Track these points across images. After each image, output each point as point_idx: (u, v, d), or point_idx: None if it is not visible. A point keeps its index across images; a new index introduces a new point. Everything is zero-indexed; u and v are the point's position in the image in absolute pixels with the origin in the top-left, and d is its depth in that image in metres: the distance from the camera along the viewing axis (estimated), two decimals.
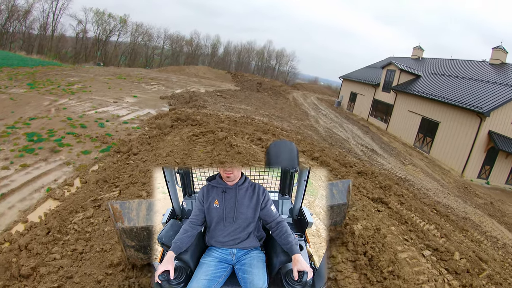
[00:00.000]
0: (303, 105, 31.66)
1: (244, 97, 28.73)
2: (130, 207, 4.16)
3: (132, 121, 16.22)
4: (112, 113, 17.30)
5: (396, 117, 27.65)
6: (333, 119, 27.04)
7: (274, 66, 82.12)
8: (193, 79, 41.53)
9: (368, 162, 16.55)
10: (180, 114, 13.01)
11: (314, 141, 17.29)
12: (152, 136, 12.39)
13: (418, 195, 13.05)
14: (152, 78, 34.64)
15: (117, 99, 20.91)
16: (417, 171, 17.52)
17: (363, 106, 33.83)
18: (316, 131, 20.41)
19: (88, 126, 14.48)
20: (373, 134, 24.49)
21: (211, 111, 19.62)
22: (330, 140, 19.04)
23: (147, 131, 14.57)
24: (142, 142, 11.97)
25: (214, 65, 74.27)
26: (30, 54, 48.29)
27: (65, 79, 27.48)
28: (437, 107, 22.93)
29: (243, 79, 47.24)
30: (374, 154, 18.64)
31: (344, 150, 17.70)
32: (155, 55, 75.24)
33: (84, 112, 16.83)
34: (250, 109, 22.44)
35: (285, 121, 21.08)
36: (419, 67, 30.79)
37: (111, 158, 11.12)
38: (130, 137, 13.45)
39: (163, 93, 25.56)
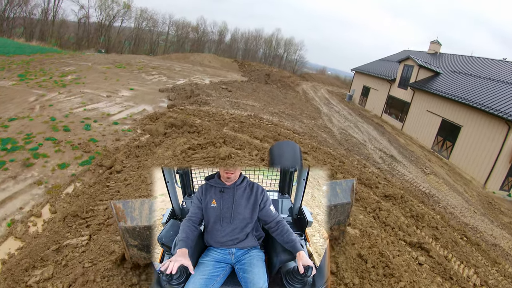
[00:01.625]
0: (314, 100, 29.51)
1: (251, 90, 26.63)
2: (132, 206, 4.18)
3: (124, 121, 14.34)
4: (103, 110, 15.43)
5: (413, 117, 25.42)
6: (347, 117, 24.92)
7: (282, 55, 79.18)
8: (198, 68, 39.45)
9: (389, 172, 14.76)
10: (176, 119, 11.02)
11: (330, 146, 15.34)
12: (142, 146, 10.49)
13: (445, 217, 11.46)
14: (153, 67, 32.64)
15: (112, 92, 19.01)
16: (440, 183, 15.73)
17: (377, 102, 31.58)
18: (331, 133, 18.40)
19: (71, 129, 12.68)
20: (389, 135, 22.44)
21: (214, 109, 17.65)
22: (347, 144, 17.07)
23: (138, 134, 12.70)
24: (128, 154, 10.13)
25: (220, 52, 72.06)
26: (30, 41, 46.27)
27: (60, 69, 25.70)
28: (459, 109, 20.65)
29: (250, 69, 44.98)
30: (394, 161, 16.75)
31: (362, 157, 15.78)
32: (160, 41, 72.81)
33: (71, 110, 15.01)
34: (258, 106, 20.40)
35: (296, 120, 19.06)
36: (437, 63, 28.33)
37: (91, 175, 9.34)
38: (117, 144, 11.63)
39: (163, 85, 23.60)
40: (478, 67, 25.03)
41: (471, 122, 19.58)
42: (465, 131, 19.91)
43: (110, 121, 14.06)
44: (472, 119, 19.55)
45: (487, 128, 18.52)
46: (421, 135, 23.79)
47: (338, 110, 26.83)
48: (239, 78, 35.16)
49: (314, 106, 26.15)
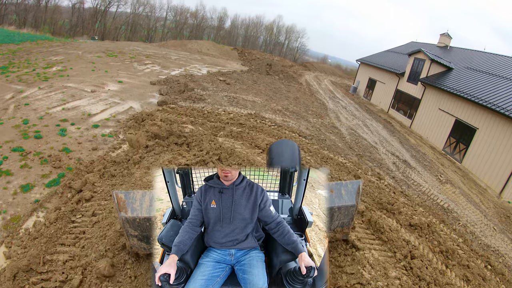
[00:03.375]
0: (319, 93, 27.60)
1: (251, 82, 24.74)
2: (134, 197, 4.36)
3: (105, 123, 12.63)
4: (84, 109, 13.72)
5: (423, 114, 23.54)
6: (355, 113, 23.13)
7: (283, 42, 76.79)
8: (195, 56, 37.47)
9: (404, 183, 13.30)
10: (161, 128, 9.16)
11: (341, 153, 13.70)
12: (119, 162, 8.75)
13: (467, 239, 10.21)
14: (148, 55, 30.75)
15: (97, 86, 17.25)
16: (457, 194, 14.26)
17: (383, 96, 29.66)
18: (340, 135, 16.69)
19: (44, 135, 11.01)
20: (400, 135, 20.77)
21: (210, 106, 15.91)
22: (358, 148, 15.43)
23: (120, 141, 11.01)
24: (103, 172, 8.47)
25: (220, 39, 69.96)
26: (21, 28, 44.00)
27: (47, 58, 23.91)
28: (475, 110, 18.76)
29: (250, 57, 42.85)
30: (408, 167, 15.26)
31: (375, 164, 14.20)
32: (157, 27, 70.33)
33: (48, 109, 13.34)
34: (259, 102, 18.62)
35: (302, 119, 17.31)
36: (448, 57, 26.22)
37: (57, 201, 7.78)
38: (93, 155, 9.98)
39: (156, 76, 21.80)
40: (494, 64, 22.87)
41: (488, 125, 17.77)
42: (481, 134, 18.09)
43: (90, 124, 12.35)
44: (489, 122, 17.72)
45: (505, 133, 16.71)
46: (432, 134, 22.01)
47: (344, 105, 24.96)
48: (239, 68, 33.21)
49: (319, 100, 24.28)
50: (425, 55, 24.05)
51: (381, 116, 25.39)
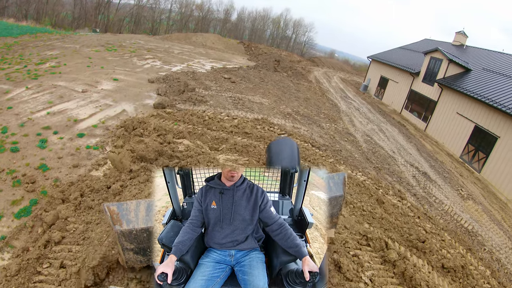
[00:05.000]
0: (329, 92, 25.90)
1: (258, 80, 23.10)
2: (128, 208, 4.07)
3: (92, 131, 11.17)
4: (70, 113, 12.28)
5: (439, 118, 21.78)
6: (368, 116, 21.48)
7: (291, 36, 74.68)
8: (200, 50, 35.83)
9: (426, 201, 11.90)
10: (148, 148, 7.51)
11: (358, 166, 12.19)
12: (98, 190, 7.24)
13: (495, 270, 8.99)
14: (149, 49, 29.20)
15: (90, 85, 15.80)
16: (479, 211, 12.88)
17: (396, 96, 27.91)
18: (356, 143, 15.14)
19: (22, 148, 9.62)
20: (416, 141, 19.23)
21: (212, 109, 14.36)
22: (375, 159, 13.96)
23: (106, 156, 9.49)
24: (79, 202, 7.02)
25: (226, 32, 68.20)
26: (20, 20, 42.50)
27: (42, 53, 22.50)
28: (497, 117, 17.03)
29: (257, 52, 41.05)
30: (428, 180, 13.83)
31: (394, 178, 12.83)
32: (162, 19, 68.59)
33: (32, 114, 11.97)
34: (267, 104, 17.02)
35: (314, 124, 15.72)
36: (464, 57, 24.32)
37: (27, 237, 6.39)
38: (73, 175, 8.57)
39: (155, 73, 20.28)
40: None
41: (511, 133, 16.08)
42: (502, 144, 16.39)
43: (75, 132, 10.90)
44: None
45: None
46: (448, 140, 20.33)
47: (357, 107, 23.25)
48: (245, 63, 31.55)
49: (331, 101, 22.59)
50: (443, 54, 22.27)
51: (395, 118, 23.74)
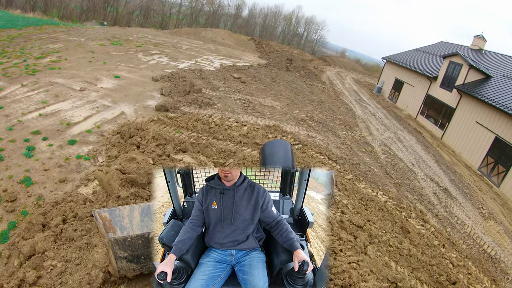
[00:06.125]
0: (344, 94, 24.54)
1: (270, 80, 21.81)
2: (121, 214, 4.00)
3: (86, 136, 10.04)
4: (64, 116, 11.19)
5: (457, 126, 20.43)
6: (384, 122, 20.19)
7: (302, 34, 73.10)
8: (209, 46, 34.57)
9: (449, 223, 10.81)
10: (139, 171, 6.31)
11: (377, 182, 10.99)
12: (82, 218, 6.09)
13: None
14: (156, 44, 28.04)
15: (89, 83, 14.73)
16: (501, 234, 11.90)
17: (411, 101, 26.50)
18: (374, 155, 13.92)
19: (6, 156, 8.62)
20: (433, 151, 17.95)
21: (220, 113, 13.17)
22: (395, 173, 12.82)
23: (97, 168, 8.35)
24: (61, 230, 5.86)
25: (237, 28, 66.83)
26: (27, 12, 41.54)
27: (44, 46, 21.49)
28: None
29: (268, 50, 39.67)
30: (449, 197, 12.67)
31: (415, 195, 11.73)
32: (172, 13, 67.39)
33: (23, 115, 10.96)
34: (279, 107, 15.76)
35: (330, 132, 14.45)
36: (483, 62, 22.79)
37: (2, 269, 5.30)
38: (59, 191, 7.49)
39: (161, 70, 19.13)
40: None
41: None
42: None
43: (66, 138, 9.80)
44: None
45: None
46: (466, 150, 18.98)
47: (373, 112, 21.89)
48: (256, 61, 30.25)
49: (345, 104, 21.25)
50: (463, 59, 20.84)
51: (410, 124, 22.43)
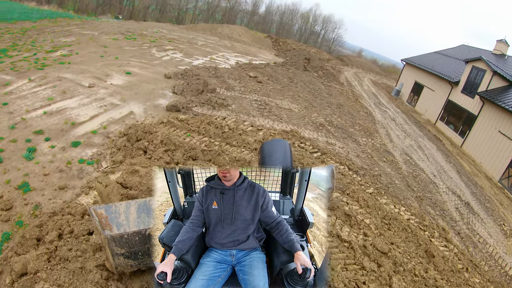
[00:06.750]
0: (362, 98, 23.46)
1: (287, 80, 20.90)
2: (117, 211, 3.92)
3: (91, 138, 9.36)
4: (70, 114, 10.54)
5: (479, 134, 19.23)
6: (405, 128, 19.14)
7: (319, 32, 71.72)
8: (225, 42, 33.82)
9: (471, 242, 9.99)
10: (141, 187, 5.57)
11: (399, 196, 10.11)
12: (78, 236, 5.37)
13: None
14: (171, 39, 27.40)
15: (99, 79, 14.11)
16: None
17: (431, 105, 25.29)
18: (395, 165, 13.02)
19: (5, 158, 8.04)
20: (454, 160, 16.85)
21: (234, 116, 12.38)
22: (417, 186, 11.98)
23: (101, 175, 7.66)
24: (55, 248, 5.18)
25: (253, 25, 65.95)
26: (42, 4, 41.38)
27: (56, 40, 21.04)
28: None
29: (285, 48, 38.65)
30: (471, 213, 11.76)
31: (437, 210, 10.81)
32: (188, 8, 66.87)
33: (27, 113, 10.38)
34: (296, 110, 14.88)
35: (349, 138, 13.53)
36: (506, 68, 21.26)
37: None
38: (58, 200, 6.79)
39: (174, 66, 18.42)
40: None
41: None
42: None
43: (70, 139, 9.13)
44: None
45: None
46: (487, 160, 17.82)
47: (392, 116, 20.78)
48: (272, 59, 29.36)
49: (365, 108, 20.18)
50: (487, 65, 19.60)
51: (430, 130, 21.27)
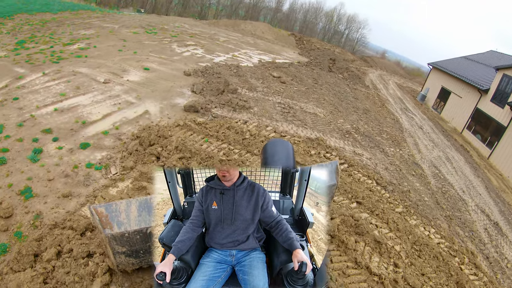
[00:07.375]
0: (388, 102, 22.20)
1: (312, 81, 19.88)
2: (117, 209, 3.87)
3: (101, 139, 8.65)
4: (81, 112, 9.88)
5: (507, 147, 17.79)
6: (432, 137, 17.89)
7: (343, 32, 70.24)
8: (248, 39, 32.92)
9: (499, 267, 9.02)
10: None
11: (428, 216, 9.10)
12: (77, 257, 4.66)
13: None
14: (192, 34, 26.69)
15: (115, 74, 13.49)
16: None
17: (458, 113, 23.77)
18: (424, 179, 11.99)
19: (9, 159, 7.41)
20: (482, 174, 15.53)
21: (256, 120, 11.51)
22: (446, 203, 10.93)
23: (109, 182, 6.93)
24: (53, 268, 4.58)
25: (276, 22, 65.03)
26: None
27: (75, 32, 20.64)
28: None
29: (309, 47, 37.44)
30: (499, 234, 10.69)
31: (466, 232, 9.79)
32: (211, 3, 66.37)
33: (37, 109, 9.79)
34: (321, 115, 13.90)
35: (377, 148, 12.48)
36: None
37: None
38: (61, 210, 6.13)
39: (194, 63, 17.66)
40: None
41: None
42: None
43: (79, 140, 8.45)
44: None
45: None
46: None
47: (419, 124, 19.47)
48: (296, 58, 28.30)
49: (391, 114, 18.96)
50: None
51: (457, 139, 19.84)
